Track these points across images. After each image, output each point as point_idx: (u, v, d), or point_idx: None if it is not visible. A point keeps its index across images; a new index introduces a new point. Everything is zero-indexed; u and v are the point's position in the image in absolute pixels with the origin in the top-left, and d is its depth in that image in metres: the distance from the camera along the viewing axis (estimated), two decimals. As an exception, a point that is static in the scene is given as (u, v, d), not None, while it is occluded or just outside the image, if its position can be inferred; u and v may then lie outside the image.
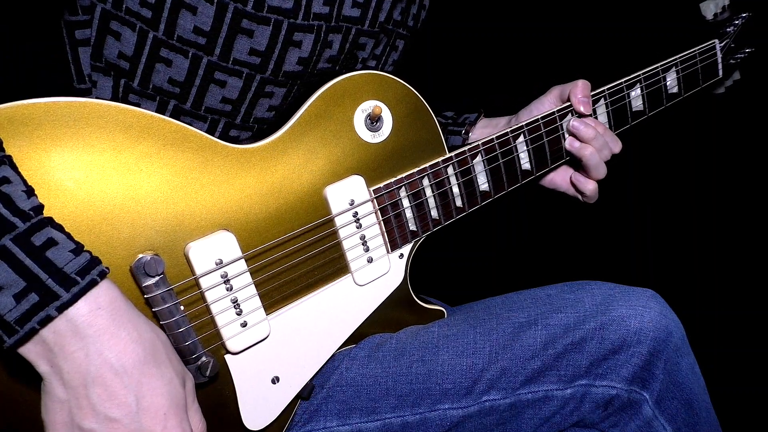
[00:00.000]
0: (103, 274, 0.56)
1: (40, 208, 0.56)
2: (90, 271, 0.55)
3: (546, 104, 0.98)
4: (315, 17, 0.75)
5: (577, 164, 0.97)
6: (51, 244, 0.55)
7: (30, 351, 0.55)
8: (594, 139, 0.93)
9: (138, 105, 0.75)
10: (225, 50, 0.72)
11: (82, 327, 0.54)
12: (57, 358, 0.54)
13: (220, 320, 0.72)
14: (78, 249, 0.56)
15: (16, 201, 0.54)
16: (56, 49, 0.72)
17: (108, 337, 0.55)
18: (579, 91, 0.93)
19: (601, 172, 0.95)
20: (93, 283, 0.55)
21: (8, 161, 0.57)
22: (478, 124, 1.05)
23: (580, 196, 1.01)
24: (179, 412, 0.59)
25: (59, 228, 0.57)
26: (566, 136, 0.95)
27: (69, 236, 0.57)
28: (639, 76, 1.01)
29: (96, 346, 0.55)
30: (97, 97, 0.75)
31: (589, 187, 0.97)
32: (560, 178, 1.02)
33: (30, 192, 0.56)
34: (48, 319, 0.53)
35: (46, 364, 0.55)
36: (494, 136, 0.89)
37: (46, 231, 0.55)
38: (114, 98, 0.76)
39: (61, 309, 0.53)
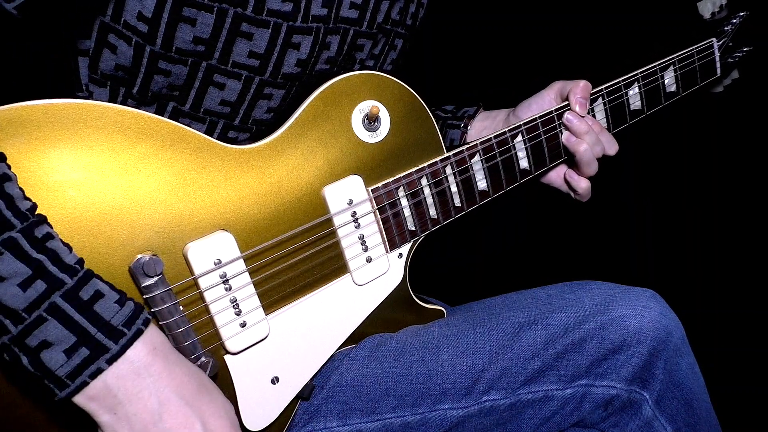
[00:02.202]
0: (147, 322, 0.59)
1: (82, 260, 0.58)
2: (135, 321, 0.58)
3: (546, 99, 0.98)
4: (313, 19, 0.76)
5: (572, 160, 0.97)
6: (98, 296, 0.57)
7: (90, 402, 0.56)
8: (586, 134, 0.93)
9: (137, 108, 0.76)
10: (224, 54, 0.73)
11: (142, 369, 0.57)
12: (121, 403, 0.56)
13: (219, 320, 0.72)
14: (122, 299, 0.59)
15: (62, 256, 0.56)
16: (61, 43, 0.71)
17: (166, 375, 0.58)
18: (579, 90, 0.94)
19: (593, 168, 0.95)
20: (139, 333, 0.58)
21: (43, 218, 0.58)
22: (477, 117, 1.05)
23: (572, 193, 1.01)
24: (239, 431, 0.64)
25: (99, 277, 0.59)
26: (563, 131, 0.96)
27: (111, 286, 0.59)
28: (637, 75, 1.01)
29: (156, 385, 0.58)
30: None
31: (582, 185, 0.97)
32: (555, 174, 1.02)
33: (68, 245, 0.58)
34: (98, 372, 0.55)
35: (108, 413, 0.57)
36: (492, 136, 0.89)
37: (92, 283, 0.57)
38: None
39: (111, 361, 0.56)
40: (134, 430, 0.57)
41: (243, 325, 0.74)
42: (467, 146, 0.88)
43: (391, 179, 0.83)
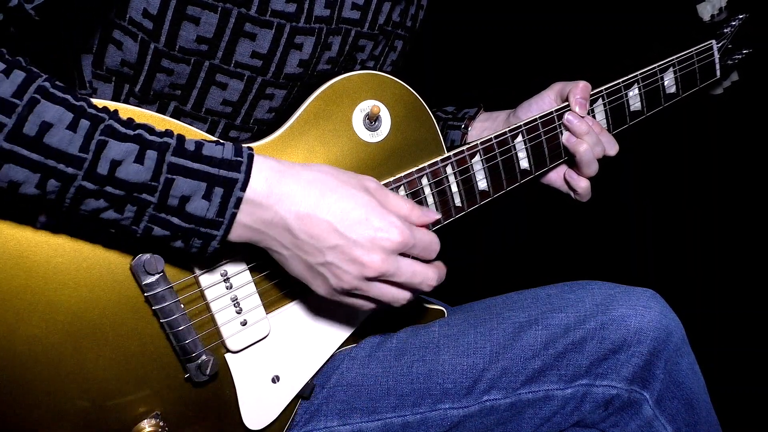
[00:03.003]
0: (251, 149, 0.64)
1: (168, 129, 0.63)
2: (241, 152, 0.63)
3: (546, 100, 0.98)
4: (316, 20, 0.76)
5: (572, 161, 0.98)
6: (200, 146, 0.62)
7: (242, 237, 0.64)
8: (587, 134, 0.93)
9: (138, 107, 0.76)
10: (227, 53, 0.73)
11: (264, 199, 0.63)
12: (263, 232, 0.64)
13: (219, 318, 0.72)
14: (217, 142, 0.64)
15: (153, 128, 0.61)
16: (61, 44, 0.72)
17: (286, 195, 0.63)
18: (579, 91, 0.94)
19: (593, 169, 0.95)
20: (251, 157, 0.63)
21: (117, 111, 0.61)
22: (477, 118, 1.05)
23: (572, 194, 1.01)
24: (377, 211, 0.66)
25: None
26: (563, 131, 0.96)
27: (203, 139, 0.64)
28: (636, 76, 1.01)
29: (282, 205, 0.63)
30: None
31: (582, 185, 0.97)
32: (555, 174, 1.02)
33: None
34: (239, 201, 0.61)
35: (261, 240, 0.65)
36: (492, 136, 0.89)
37: (189, 140, 0.62)
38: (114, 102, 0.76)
39: (244, 187, 0.62)
40: (285, 246, 0.65)
41: (244, 323, 0.74)
42: (468, 146, 0.88)
43: (391, 179, 0.83)
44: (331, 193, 0.65)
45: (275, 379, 0.78)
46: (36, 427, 0.66)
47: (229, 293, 0.73)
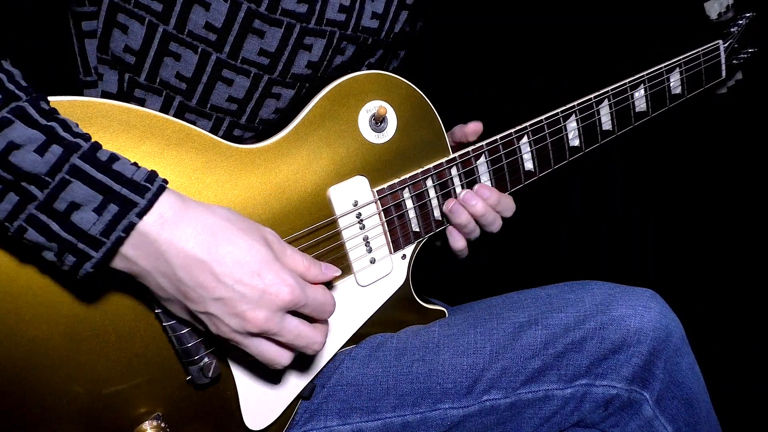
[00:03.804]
0: (166, 182, 0.60)
1: (88, 134, 0.58)
2: (154, 180, 0.58)
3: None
4: (328, 23, 0.75)
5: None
6: (114, 158, 0.58)
7: (121, 268, 0.59)
8: (482, 216, 0.88)
9: (143, 100, 0.75)
10: (234, 48, 0.72)
11: (157, 234, 0.58)
12: (146, 269, 0.59)
13: (223, 321, 0.72)
14: (135, 163, 0.59)
15: (71, 126, 0.57)
16: (61, 44, 0.71)
17: (180, 236, 0.58)
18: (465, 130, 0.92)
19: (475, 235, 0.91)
20: (161, 189, 0.58)
21: (45, 96, 0.58)
22: None
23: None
24: (271, 265, 0.62)
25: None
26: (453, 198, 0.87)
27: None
28: (643, 77, 1.00)
29: (172, 247, 0.58)
30: (102, 90, 0.75)
31: (459, 245, 0.91)
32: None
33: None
34: (131, 226, 0.56)
35: (142, 277, 0.60)
36: (498, 137, 0.89)
37: (104, 150, 0.58)
38: (120, 92, 0.75)
39: (141, 215, 0.56)
40: (167, 289, 0.60)
41: (247, 325, 0.74)
42: (473, 147, 0.87)
43: (396, 180, 0.83)
44: (226, 242, 0.60)
45: (276, 381, 0.78)
46: (37, 428, 0.66)
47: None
